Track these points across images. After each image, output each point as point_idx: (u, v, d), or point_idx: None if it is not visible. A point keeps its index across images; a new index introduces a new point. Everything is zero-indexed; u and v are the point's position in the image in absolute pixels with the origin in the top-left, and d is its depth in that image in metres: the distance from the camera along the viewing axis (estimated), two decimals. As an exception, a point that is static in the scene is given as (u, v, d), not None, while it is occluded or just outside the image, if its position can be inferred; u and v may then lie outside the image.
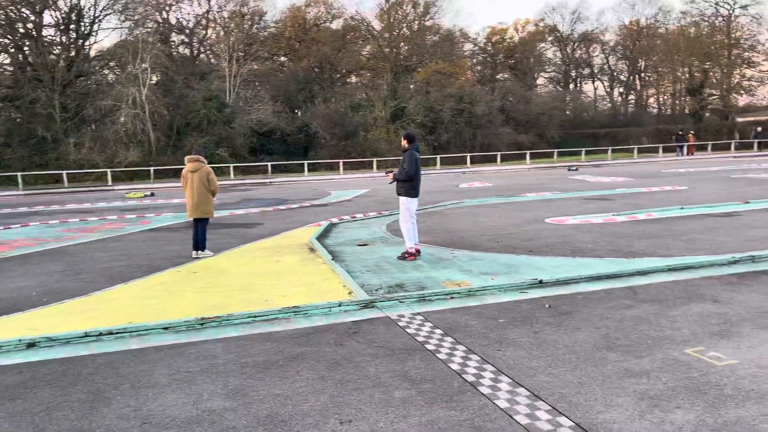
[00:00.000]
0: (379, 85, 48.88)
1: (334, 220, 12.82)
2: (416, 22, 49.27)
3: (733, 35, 62.04)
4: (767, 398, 3.59)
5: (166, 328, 5.39)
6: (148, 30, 36.77)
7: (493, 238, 9.86)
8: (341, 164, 32.95)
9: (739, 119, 55.54)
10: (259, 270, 7.97)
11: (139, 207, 17.77)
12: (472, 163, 35.67)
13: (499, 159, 35.99)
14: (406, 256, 8.28)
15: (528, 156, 36.80)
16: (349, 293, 6.42)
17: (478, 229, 11.03)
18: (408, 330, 5.19)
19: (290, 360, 4.60)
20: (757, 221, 10.59)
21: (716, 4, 62.22)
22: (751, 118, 53.31)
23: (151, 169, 30.10)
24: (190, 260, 8.84)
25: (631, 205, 13.64)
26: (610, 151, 39.46)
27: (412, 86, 47.11)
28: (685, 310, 5.48)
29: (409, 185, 8.26)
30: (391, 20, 47.26)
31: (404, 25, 48.75)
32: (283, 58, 50.56)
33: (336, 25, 50.54)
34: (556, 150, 39.53)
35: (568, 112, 59.28)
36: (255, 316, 5.66)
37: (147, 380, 4.28)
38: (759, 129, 44.55)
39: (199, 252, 9.09)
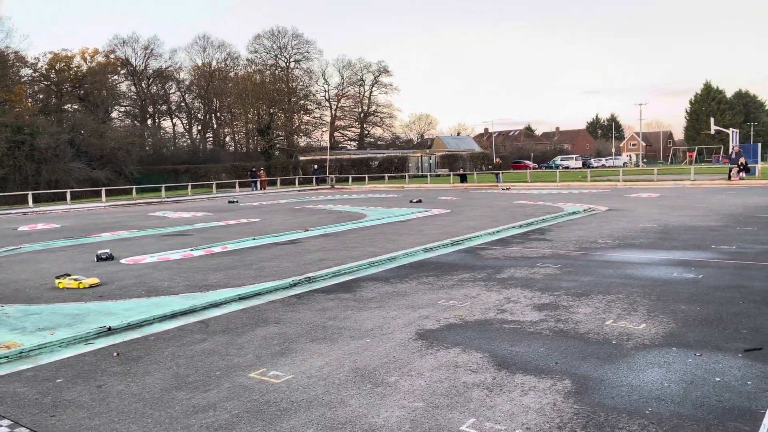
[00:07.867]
0: None
1: None
2: (-48, 36, 41.12)
3: (291, 84, 71.40)
4: (313, 404, 4.06)
5: None
6: None
7: (57, 286, 8.75)
8: None
9: (302, 158, 64.09)
10: None
11: None
12: (36, 202, 31.42)
13: (69, 197, 32.61)
14: None
15: (104, 193, 34.45)
16: None
17: (40, 277, 9.66)
18: (-74, 418, 4.08)
19: None
20: (314, 246, 12.20)
21: (275, 56, 70.80)
22: (310, 157, 62.16)
23: None
24: None
25: (208, 239, 14.05)
26: (190, 187, 40.22)
27: (-50, 111, 38.96)
28: (252, 335, 5.83)
29: None
30: None
31: (-66, 37, 40.00)
32: None
33: None
34: (135, 186, 38.14)
35: (147, 148, 58.24)
36: None
37: None
38: (316, 167, 52.20)
39: None
